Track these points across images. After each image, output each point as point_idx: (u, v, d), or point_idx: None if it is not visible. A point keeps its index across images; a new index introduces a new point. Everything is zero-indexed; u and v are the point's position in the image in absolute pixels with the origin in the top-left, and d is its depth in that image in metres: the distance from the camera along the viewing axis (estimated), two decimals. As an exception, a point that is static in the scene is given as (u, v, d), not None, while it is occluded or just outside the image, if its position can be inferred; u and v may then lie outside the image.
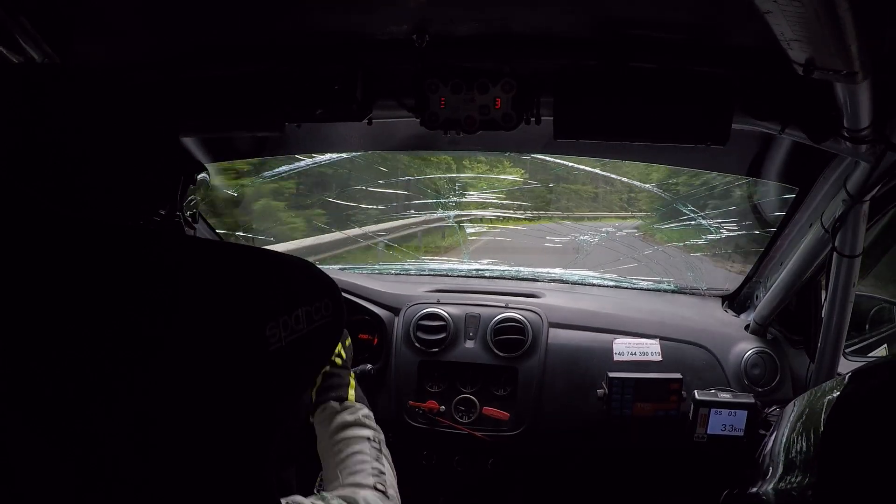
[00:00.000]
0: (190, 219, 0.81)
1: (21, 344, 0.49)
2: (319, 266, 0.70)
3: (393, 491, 0.86)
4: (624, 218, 6.35)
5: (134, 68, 1.24)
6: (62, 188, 0.61)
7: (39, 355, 0.49)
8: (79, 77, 0.67)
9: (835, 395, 0.90)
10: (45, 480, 0.50)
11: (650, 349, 1.79)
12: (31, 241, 0.52)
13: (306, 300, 0.63)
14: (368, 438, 0.92)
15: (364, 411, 0.97)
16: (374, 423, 0.96)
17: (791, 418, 1.01)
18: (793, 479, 0.89)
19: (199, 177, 0.82)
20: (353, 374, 1.03)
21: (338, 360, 1.02)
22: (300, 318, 0.61)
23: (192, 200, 0.81)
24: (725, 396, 1.64)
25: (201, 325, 0.55)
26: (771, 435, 1.10)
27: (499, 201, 3.03)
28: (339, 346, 1.04)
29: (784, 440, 0.99)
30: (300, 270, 0.66)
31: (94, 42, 1.19)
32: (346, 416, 0.94)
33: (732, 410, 1.62)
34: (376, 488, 0.84)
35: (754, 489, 1.05)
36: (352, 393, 0.99)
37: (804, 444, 0.90)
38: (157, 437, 0.53)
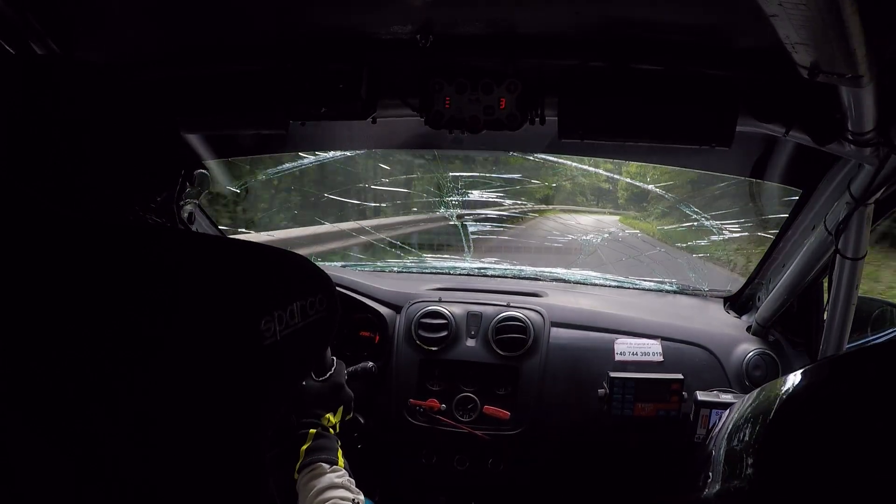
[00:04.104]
0: (187, 218, 0.81)
1: (21, 344, 0.49)
2: (320, 262, 0.69)
3: None
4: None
5: (138, 65, 1.24)
6: (62, 188, 0.61)
7: (39, 355, 0.49)
8: (80, 71, 0.66)
9: (785, 389, 0.88)
10: (45, 480, 0.50)
11: (651, 349, 1.78)
12: (31, 241, 0.52)
13: (301, 294, 0.63)
14: (352, 501, 0.95)
15: (349, 477, 1.00)
16: (356, 490, 0.99)
17: (742, 406, 1.00)
18: (733, 473, 0.88)
19: (199, 174, 0.82)
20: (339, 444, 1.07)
21: (331, 430, 1.07)
22: (294, 313, 0.61)
23: (188, 197, 0.80)
24: (727, 398, 1.63)
25: (200, 323, 0.56)
26: (722, 420, 1.08)
27: (501, 200, 3.01)
28: (336, 416, 1.10)
29: (730, 427, 0.97)
30: (295, 265, 0.66)
31: (99, 38, 1.20)
32: (334, 478, 0.98)
33: (733, 412, 1.61)
34: None
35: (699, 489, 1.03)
36: (341, 459, 1.03)
37: (748, 433, 0.89)
38: (157, 437, 0.53)
